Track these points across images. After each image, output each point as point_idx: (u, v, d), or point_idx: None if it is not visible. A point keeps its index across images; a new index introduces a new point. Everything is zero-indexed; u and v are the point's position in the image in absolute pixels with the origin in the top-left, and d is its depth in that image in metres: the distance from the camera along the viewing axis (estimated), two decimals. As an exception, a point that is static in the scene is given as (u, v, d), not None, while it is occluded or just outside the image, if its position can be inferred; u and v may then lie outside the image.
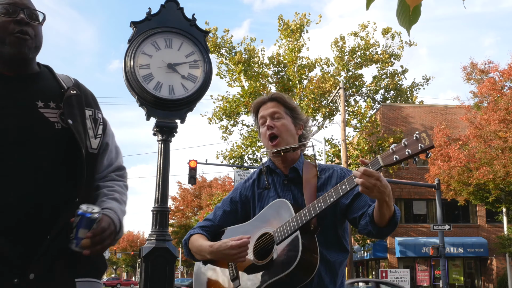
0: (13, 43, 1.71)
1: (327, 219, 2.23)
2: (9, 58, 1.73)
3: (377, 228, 2.08)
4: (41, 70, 1.87)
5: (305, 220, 2.09)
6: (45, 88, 1.80)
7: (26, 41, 1.73)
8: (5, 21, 1.71)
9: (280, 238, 2.15)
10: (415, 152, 1.90)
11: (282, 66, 27.98)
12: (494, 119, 20.48)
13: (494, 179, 20.59)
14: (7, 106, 1.68)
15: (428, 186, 21.57)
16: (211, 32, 27.13)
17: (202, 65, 4.87)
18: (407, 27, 1.47)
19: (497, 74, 22.17)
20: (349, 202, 2.22)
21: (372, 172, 1.91)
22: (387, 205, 1.98)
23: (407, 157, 1.92)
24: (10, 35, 1.70)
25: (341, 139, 23.64)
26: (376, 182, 1.91)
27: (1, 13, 1.72)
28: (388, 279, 20.62)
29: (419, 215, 30.02)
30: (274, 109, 2.37)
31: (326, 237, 2.22)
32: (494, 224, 28.43)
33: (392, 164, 1.95)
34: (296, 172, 2.34)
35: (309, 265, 2.07)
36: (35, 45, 1.77)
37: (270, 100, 2.41)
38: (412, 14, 1.44)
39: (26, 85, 1.77)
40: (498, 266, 28.07)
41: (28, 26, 1.74)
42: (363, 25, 28.51)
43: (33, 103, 1.73)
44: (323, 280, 2.19)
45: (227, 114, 27.23)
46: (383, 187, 1.93)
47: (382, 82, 29.75)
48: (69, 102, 1.78)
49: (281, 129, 2.33)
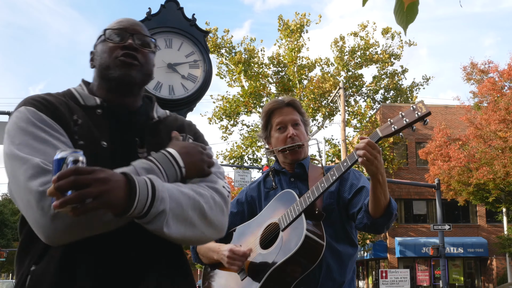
0: (119, 65, 1.55)
1: (335, 213, 2.26)
2: (116, 83, 1.55)
3: (371, 218, 2.10)
4: (143, 103, 1.66)
5: (309, 202, 2.11)
6: (137, 122, 1.58)
7: (133, 65, 1.56)
8: (112, 47, 1.58)
9: (284, 224, 2.17)
10: (412, 120, 1.95)
11: (282, 66, 27.98)
12: (494, 119, 20.49)
13: (494, 179, 20.59)
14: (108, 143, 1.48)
15: (428, 186, 21.57)
16: (211, 32, 27.14)
17: (202, 65, 4.88)
18: (403, 26, 1.48)
19: (497, 74, 22.17)
20: (351, 197, 2.25)
21: (375, 145, 1.96)
22: (380, 186, 2.00)
23: (404, 125, 1.97)
24: (115, 58, 1.56)
25: (341, 139, 23.64)
26: (377, 154, 1.96)
27: (108, 38, 1.60)
28: (388, 279, 20.62)
29: (419, 215, 30.01)
30: (294, 117, 2.40)
31: (335, 230, 2.24)
32: (494, 224, 28.42)
33: (391, 135, 2.00)
34: (302, 168, 2.38)
35: (313, 251, 2.05)
36: (143, 72, 1.59)
37: (287, 105, 2.43)
38: (409, 13, 1.44)
39: (129, 121, 1.56)
40: (498, 266, 28.07)
41: (137, 52, 1.58)
42: (362, 25, 28.52)
43: (131, 144, 1.52)
44: (332, 271, 2.19)
45: (227, 114, 27.23)
46: (380, 164, 1.98)
47: (382, 82, 29.74)
48: (152, 132, 1.59)
49: (302, 138, 2.39)
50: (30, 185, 1.26)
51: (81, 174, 1.15)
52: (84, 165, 1.18)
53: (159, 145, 1.50)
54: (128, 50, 1.57)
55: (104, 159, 1.41)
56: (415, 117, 1.94)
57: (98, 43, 1.64)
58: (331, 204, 2.28)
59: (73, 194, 1.13)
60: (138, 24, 1.67)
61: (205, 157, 1.49)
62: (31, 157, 1.31)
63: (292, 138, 2.35)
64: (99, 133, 1.47)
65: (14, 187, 1.34)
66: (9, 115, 1.56)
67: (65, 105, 1.49)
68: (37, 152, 1.32)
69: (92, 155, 1.37)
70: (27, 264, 1.41)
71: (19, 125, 1.39)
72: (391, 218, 2.10)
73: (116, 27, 1.62)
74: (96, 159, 1.37)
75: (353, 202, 2.23)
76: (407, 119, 1.96)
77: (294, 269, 2.08)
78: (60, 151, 1.19)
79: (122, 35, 1.60)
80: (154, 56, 1.67)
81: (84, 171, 1.16)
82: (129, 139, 1.52)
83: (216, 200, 1.46)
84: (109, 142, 1.47)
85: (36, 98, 1.48)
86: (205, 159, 1.48)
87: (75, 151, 1.19)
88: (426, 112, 1.92)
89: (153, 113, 1.63)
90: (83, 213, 1.16)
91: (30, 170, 1.28)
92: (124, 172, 1.27)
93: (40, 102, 1.46)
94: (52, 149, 1.32)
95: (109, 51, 1.57)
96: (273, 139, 2.42)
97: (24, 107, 1.44)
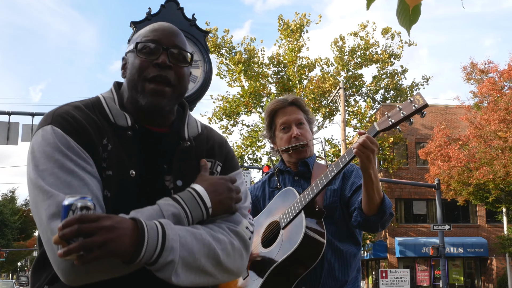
0: (148, 93, 1.42)
1: (338, 211, 2.25)
2: (144, 109, 1.44)
3: (364, 215, 2.09)
4: (174, 118, 1.54)
5: (308, 199, 2.10)
6: (167, 146, 1.48)
7: (164, 93, 1.43)
8: (144, 61, 1.44)
9: (285, 222, 2.17)
10: (409, 113, 1.93)
11: (282, 66, 27.99)
12: (494, 119, 20.49)
13: (494, 179, 20.59)
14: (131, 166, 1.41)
15: (428, 186, 21.57)
16: (211, 32, 27.15)
17: (202, 65, 4.88)
18: (407, 27, 1.47)
19: (497, 74, 22.17)
20: (350, 195, 2.25)
21: (373, 139, 1.97)
22: (372, 182, 1.99)
23: (402, 118, 1.95)
24: (145, 81, 1.43)
25: (341, 139, 23.64)
26: (374, 148, 1.97)
27: (139, 51, 1.45)
28: (388, 279, 20.62)
29: (419, 215, 30.02)
30: (298, 116, 2.39)
31: (338, 228, 2.23)
32: (494, 224, 28.43)
33: (388, 128, 1.99)
34: (306, 166, 2.38)
35: (313, 248, 2.05)
36: (176, 94, 1.47)
37: (290, 104, 2.42)
38: (412, 14, 1.44)
39: (159, 145, 1.47)
40: (498, 266, 28.07)
41: (170, 70, 1.44)
42: (362, 25, 28.53)
43: (159, 171, 1.45)
44: (334, 270, 2.18)
45: (227, 114, 27.24)
46: (374, 159, 1.99)
47: (382, 82, 29.76)
48: (181, 157, 1.47)
49: (306, 136, 2.38)
50: (52, 226, 1.23)
51: (85, 222, 1.12)
52: (92, 211, 1.15)
53: (187, 172, 1.45)
54: (161, 68, 1.43)
55: (131, 188, 1.38)
56: (412, 110, 1.93)
57: (129, 52, 1.50)
58: (333, 202, 2.27)
59: (77, 243, 1.10)
60: (174, 34, 1.50)
61: (233, 194, 1.42)
62: (55, 192, 1.25)
63: (297, 138, 2.34)
64: (128, 161, 1.40)
65: (36, 218, 1.31)
66: (33, 127, 1.46)
67: (94, 125, 1.39)
68: (62, 184, 1.27)
69: (119, 184, 1.35)
70: (42, 280, 1.40)
71: (45, 150, 1.32)
72: (384, 217, 2.08)
73: (150, 38, 1.47)
74: (123, 188, 1.35)
75: (352, 200, 2.23)
76: (404, 112, 1.95)
77: (295, 267, 2.08)
78: (69, 196, 1.16)
79: (155, 49, 1.45)
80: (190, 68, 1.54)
81: (89, 219, 1.13)
82: (157, 166, 1.45)
83: (234, 245, 1.39)
84: (137, 169, 1.41)
85: (65, 116, 1.37)
86: (233, 196, 1.42)
87: (83, 197, 1.16)
88: (423, 104, 1.91)
89: (184, 131, 1.51)
90: (89, 262, 1.13)
91: (53, 208, 1.24)
92: (134, 218, 1.22)
93: (69, 122, 1.36)
94: (78, 181, 1.28)
95: (139, 68, 1.44)
96: (277, 139, 2.42)
97: (51, 127, 1.35)
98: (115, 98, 1.49)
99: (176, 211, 1.32)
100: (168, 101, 1.45)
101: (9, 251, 43.77)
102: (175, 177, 1.44)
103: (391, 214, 2.11)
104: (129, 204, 1.33)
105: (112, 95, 1.50)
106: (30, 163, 1.34)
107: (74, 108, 1.41)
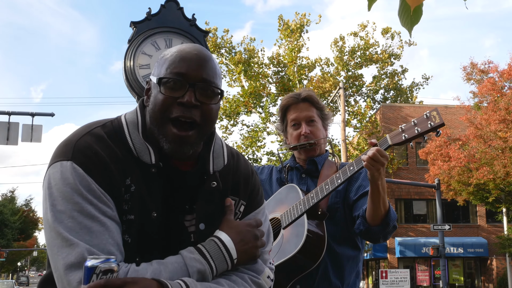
0: (171, 138, 1.32)
1: (339, 212, 2.21)
2: (167, 152, 1.35)
3: (367, 225, 2.06)
4: (200, 150, 1.44)
5: (312, 203, 2.08)
6: (192, 184, 1.40)
7: (188, 138, 1.32)
8: (168, 97, 1.31)
9: (286, 222, 2.15)
10: (424, 130, 1.85)
11: (282, 66, 27.98)
12: (494, 119, 20.48)
13: (494, 179, 20.59)
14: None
15: (428, 186, 21.57)
16: (211, 32, 27.14)
17: (202, 65, 4.87)
18: (408, 28, 1.47)
19: (497, 74, 22.17)
20: (356, 198, 2.21)
21: (384, 152, 1.91)
22: (379, 193, 1.96)
23: (416, 135, 1.88)
24: (168, 121, 1.32)
25: (341, 139, 23.64)
26: (384, 161, 1.91)
27: (163, 85, 1.32)
28: (388, 279, 20.62)
29: (419, 215, 30.01)
30: (308, 113, 2.33)
31: (338, 230, 2.20)
32: (494, 224, 28.43)
33: (401, 143, 1.92)
34: (314, 165, 2.33)
35: (313, 252, 2.04)
36: (201, 135, 1.36)
37: (303, 100, 2.36)
38: (414, 15, 1.43)
39: (182, 184, 1.39)
40: (498, 266, 28.07)
41: (196, 109, 1.32)
42: (362, 25, 28.53)
43: (181, 211, 1.40)
44: (328, 272, 2.16)
45: (227, 114, 27.22)
46: (383, 171, 1.94)
47: (382, 82, 29.75)
48: (205, 198, 1.39)
49: (317, 135, 2.32)
50: (69, 278, 1.18)
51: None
52: (116, 274, 1.13)
53: (211, 214, 1.38)
54: (185, 107, 1.30)
55: (152, 231, 1.32)
56: (427, 127, 1.84)
57: (153, 83, 1.37)
58: (336, 203, 2.24)
59: None
60: (203, 65, 1.35)
61: (259, 242, 1.38)
62: (75, 240, 1.20)
63: (306, 136, 2.30)
64: (151, 202, 1.32)
65: (52, 261, 1.25)
66: (50, 163, 1.28)
67: (118, 162, 1.30)
68: (82, 229, 1.21)
69: (140, 228, 1.30)
70: None
71: (63, 190, 1.24)
72: (387, 228, 2.04)
73: (175, 71, 1.32)
74: (144, 232, 1.30)
75: (357, 205, 2.19)
76: (419, 128, 1.87)
77: (293, 269, 2.07)
78: (91, 258, 1.12)
79: (180, 85, 1.31)
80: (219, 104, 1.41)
81: (114, 285, 1.10)
82: (179, 205, 1.37)
83: None
84: (159, 210, 1.33)
85: (86, 152, 1.28)
86: (259, 244, 1.38)
87: (107, 258, 1.13)
88: (439, 123, 1.83)
89: (210, 166, 1.41)
90: None
91: (71, 258, 1.19)
92: (160, 281, 1.18)
93: (90, 159, 1.27)
94: (99, 226, 1.22)
95: (161, 106, 1.32)
96: (288, 134, 2.38)
97: (71, 164, 1.26)
98: (139, 125, 1.37)
99: (202, 268, 1.27)
100: (191, 146, 1.34)
101: (9, 251, 43.75)
102: (198, 220, 1.37)
103: (395, 227, 2.07)
104: (149, 246, 1.31)
105: (137, 119, 1.38)
106: (46, 199, 1.26)
107: (97, 140, 1.31)
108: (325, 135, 2.38)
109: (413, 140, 1.92)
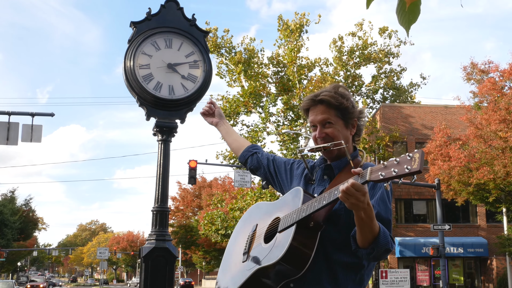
0: None
1: (342, 219, 2.17)
2: None
3: (355, 245, 2.03)
4: None
5: (300, 217, 2.06)
6: None
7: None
8: None
9: (281, 227, 2.15)
10: (400, 174, 1.79)
11: (282, 66, 27.98)
12: (494, 119, 20.46)
13: (494, 179, 20.57)
14: None
15: (428, 186, 21.56)
16: (211, 32, 27.13)
17: (202, 65, 4.87)
18: (406, 27, 1.46)
19: (497, 74, 22.15)
20: None
21: (360, 186, 1.86)
22: (363, 221, 1.92)
23: (392, 177, 1.82)
24: None
25: (341, 139, 23.60)
26: (360, 197, 1.86)
27: None
28: (388, 279, 20.61)
29: (419, 215, 30.01)
30: (324, 116, 2.26)
31: (340, 237, 2.15)
32: (494, 224, 28.41)
33: (378, 181, 1.86)
34: (330, 169, 2.30)
35: (297, 261, 2.04)
36: None
37: (319, 102, 2.29)
38: (411, 13, 1.43)
39: None
40: (498, 266, 28.06)
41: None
42: (359, 24, 28.52)
43: None
44: (321, 277, 2.13)
45: (227, 114, 27.21)
46: (363, 204, 1.88)
47: (381, 82, 29.74)
48: None
49: (335, 136, 2.25)
50: None
51: None
52: None
53: None
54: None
55: None
56: (404, 171, 1.78)
57: None
58: (340, 210, 2.17)
59: None
60: None
61: None
62: None
63: (323, 138, 2.26)
64: None
65: None
66: None
67: None
68: None
69: None
70: None
71: None
72: (374, 253, 1.99)
73: None
74: None
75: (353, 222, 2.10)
76: (397, 169, 1.79)
77: (280, 272, 2.08)
78: None
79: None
80: None
81: None
82: None
83: None
84: None
85: None
86: None
87: None
88: (416, 169, 1.75)
89: None
90: None
91: None
92: None
93: None
94: None
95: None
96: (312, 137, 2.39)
97: None
98: None
99: None
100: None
101: (9, 251, 43.76)
102: None
103: (387, 250, 2.01)
104: None
105: None
106: None
107: None
108: (347, 134, 2.30)
109: (389, 181, 1.84)
